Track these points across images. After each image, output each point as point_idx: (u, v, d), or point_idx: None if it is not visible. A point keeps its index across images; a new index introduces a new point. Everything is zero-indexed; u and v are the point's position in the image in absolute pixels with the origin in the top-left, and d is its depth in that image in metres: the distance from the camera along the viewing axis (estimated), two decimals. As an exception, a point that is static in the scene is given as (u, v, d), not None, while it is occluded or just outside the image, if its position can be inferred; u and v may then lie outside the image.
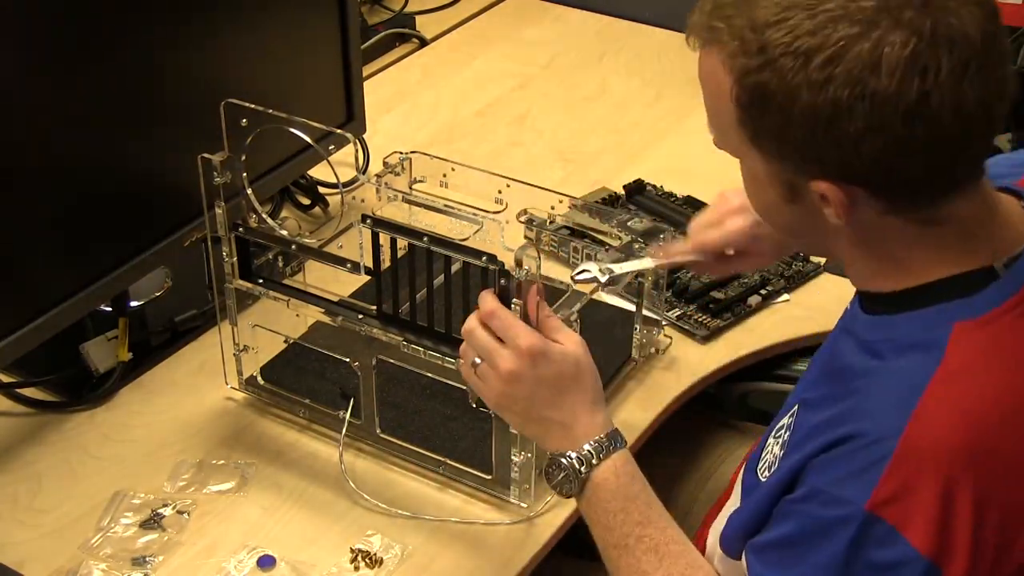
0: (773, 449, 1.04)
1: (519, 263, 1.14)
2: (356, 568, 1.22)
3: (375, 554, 1.23)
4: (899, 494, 0.88)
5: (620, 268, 1.29)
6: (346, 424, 1.35)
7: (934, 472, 0.88)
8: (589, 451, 1.08)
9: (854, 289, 1.04)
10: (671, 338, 1.51)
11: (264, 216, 1.32)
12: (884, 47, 0.85)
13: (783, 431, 1.04)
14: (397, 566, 1.22)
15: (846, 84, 0.86)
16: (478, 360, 1.11)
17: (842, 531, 0.90)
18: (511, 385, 1.09)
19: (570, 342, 1.11)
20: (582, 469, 1.08)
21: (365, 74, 1.83)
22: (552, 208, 1.47)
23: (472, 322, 1.12)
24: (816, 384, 1.02)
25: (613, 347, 1.45)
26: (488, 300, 1.12)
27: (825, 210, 0.93)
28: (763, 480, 1.03)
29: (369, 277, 1.29)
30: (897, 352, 0.94)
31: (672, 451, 1.16)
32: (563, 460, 1.09)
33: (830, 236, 0.97)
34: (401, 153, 1.48)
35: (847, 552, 0.90)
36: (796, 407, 1.03)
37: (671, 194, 1.77)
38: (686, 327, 1.53)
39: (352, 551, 1.23)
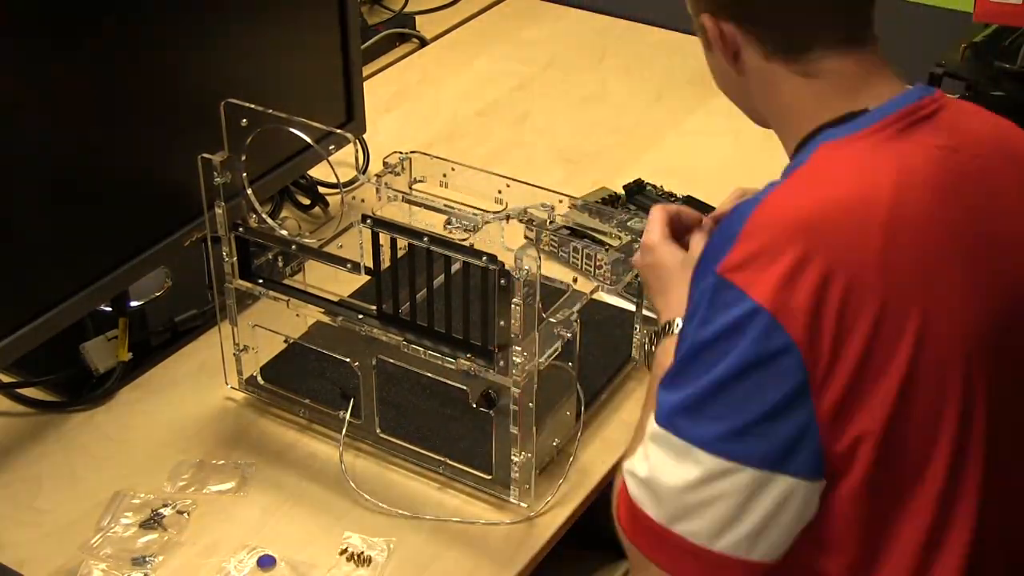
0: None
1: (519, 263, 1.14)
2: (355, 567, 1.22)
3: (362, 553, 1.23)
4: (748, 260, 0.96)
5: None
6: (346, 424, 1.35)
7: (778, 240, 0.95)
8: (661, 329, 1.19)
9: None
10: (671, 338, 1.50)
11: (264, 216, 1.32)
12: None
13: None
14: (387, 561, 1.23)
15: None
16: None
17: (702, 300, 0.98)
18: (641, 255, 1.24)
19: (693, 245, 1.22)
20: (655, 342, 1.20)
21: (365, 74, 1.83)
22: (552, 208, 1.46)
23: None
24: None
25: (613, 347, 1.45)
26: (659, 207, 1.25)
27: (722, 56, 1.07)
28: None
29: (369, 277, 1.29)
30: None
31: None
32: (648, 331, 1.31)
33: (745, 89, 1.09)
34: (401, 153, 1.48)
35: (704, 315, 0.97)
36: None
37: (671, 194, 1.76)
38: (686, 327, 1.53)
39: (340, 552, 1.24)
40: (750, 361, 0.94)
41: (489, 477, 1.29)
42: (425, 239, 1.20)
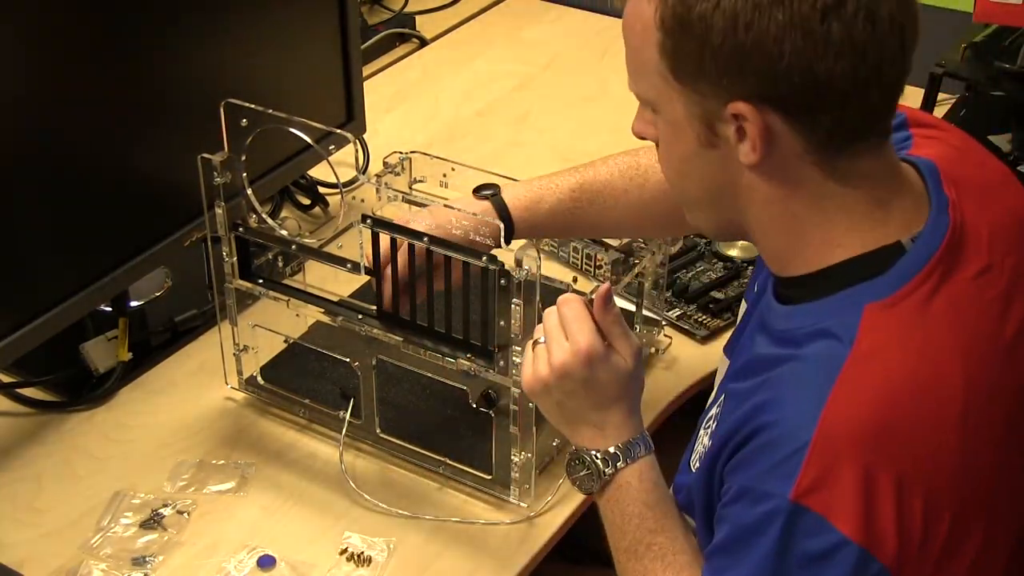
0: (703, 440, 1.05)
1: (519, 263, 1.14)
2: (355, 567, 1.22)
3: (362, 553, 1.23)
4: (821, 482, 0.88)
5: None
6: (346, 424, 1.35)
7: (851, 457, 0.88)
8: (616, 452, 1.09)
9: None
10: (671, 338, 1.51)
11: (264, 216, 1.32)
12: None
13: (712, 421, 1.05)
14: (387, 561, 1.23)
15: None
16: (542, 340, 1.10)
17: (771, 525, 0.90)
18: (557, 378, 1.08)
19: (628, 354, 1.09)
20: (607, 470, 1.09)
21: (365, 74, 1.83)
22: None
23: (555, 306, 1.11)
24: (737, 375, 1.02)
25: (613, 347, 1.45)
26: (568, 298, 1.10)
27: (742, 149, 0.93)
28: (693, 471, 1.04)
29: (369, 277, 1.29)
30: (809, 339, 0.94)
31: (672, 451, 1.16)
32: (588, 457, 1.09)
33: (743, 196, 0.97)
34: (401, 153, 1.48)
35: (778, 545, 0.89)
36: (723, 397, 1.04)
37: (671, 194, 1.76)
38: (686, 327, 1.53)
39: (340, 552, 1.24)
40: None
41: (489, 477, 1.29)
42: (425, 239, 1.20)
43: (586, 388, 1.08)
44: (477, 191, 1.30)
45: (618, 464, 1.09)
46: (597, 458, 1.09)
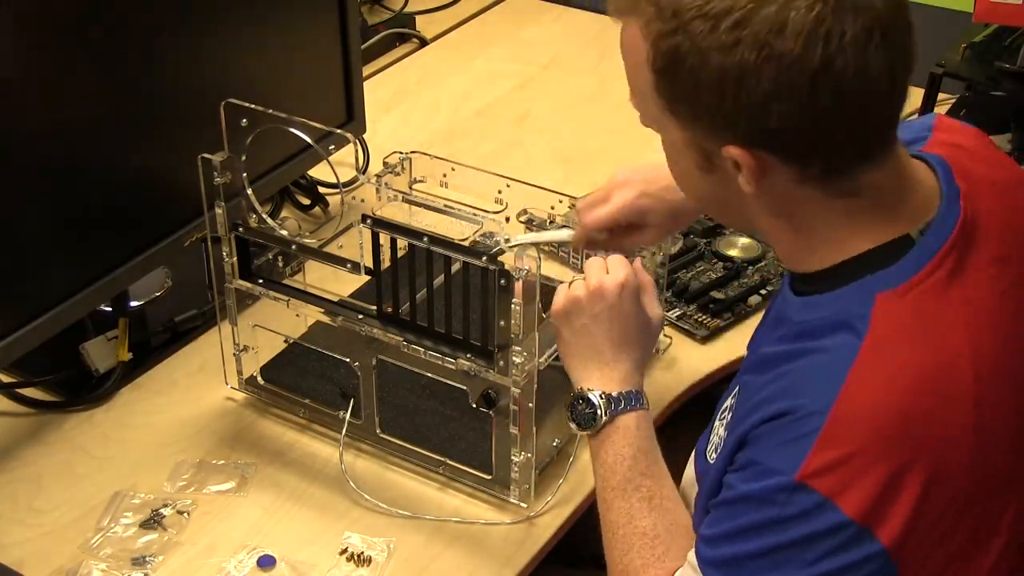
0: (719, 431, 1.07)
1: (519, 263, 1.14)
2: (355, 567, 1.22)
3: (362, 554, 1.23)
4: (834, 466, 0.89)
5: (531, 238, 1.30)
6: (346, 424, 1.35)
7: (874, 449, 0.88)
8: (619, 397, 1.15)
9: None
10: (671, 338, 1.51)
11: (264, 216, 1.32)
12: (791, 11, 0.87)
13: (727, 412, 1.06)
14: (387, 561, 1.23)
15: (753, 46, 0.87)
16: (581, 277, 1.17)
17: (772, 500, 0.91)
18: (590, 300, 1.15)
19: (654, 309, 1.19)
20: (608, 410, 1.14)
21: (365, 74, 1.83)
22: (552, 208, 1.47)
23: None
24: (754, 367, 1.03)
25: (613, 347, 1.45)
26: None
27: (739, 178, 0.94)
28: (712, 462, 1.05)
29: (369, 277, 1.29)
30: (826, 330, 0.95)
31: (672, 451, 1.17)
32: (593, 397, 1.15)
33: (748, 208, 0.98)
34: (401, 153, 1.48)
35: (774, 519, 0.91)
36: (737, 389, 1.05)
37: (671, 194, 1.76)
38: (686, 327, 1.53)
39: (340, 552, 1.24)
40: (837, 568, 0.89)
41: (489, 477, 1.29)
42: (425, 239, 1.20)
43: (611, 316, 1.15)
44: None
45: (619, 408, 1.14)
46: (601, 398, 1.14)
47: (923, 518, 0.89)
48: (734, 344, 1.51)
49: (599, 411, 1.14)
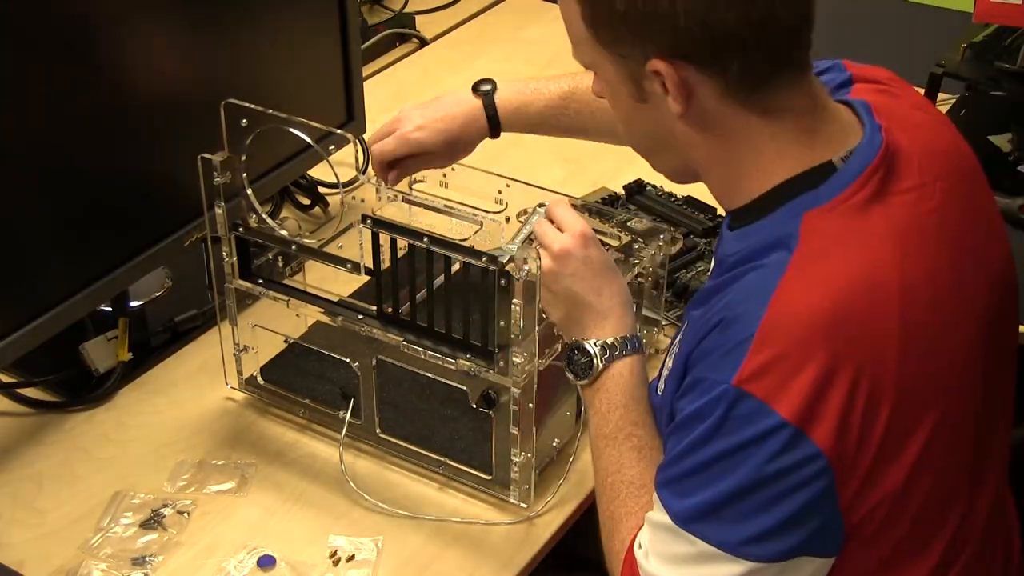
0: (667, 363, 1.10)
1: (519, 263, 1.14)
2: (356, 567, 1.22)
3: (351, 555, 1.23)
4: (766, 368, 0.92)
5: (522, 234, 1.27)
6: (346, 424, 1.35)
7: (807, 348, 0.92)
8: (614, 343, 1.16)
9: None
10: (670, 338, 1.50)
11: (264, 216, 1.32)
12: None
13: (675, 346, 1.09)
14: (387, 561, 1.23)
15: None
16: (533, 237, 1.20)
17: (712, 411, 0.94)
18: (560, 262, 1.17)
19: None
20: (603, 359, 1.16)
21: (365, 74, 1.83)
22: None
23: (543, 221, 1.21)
24: (698, 302, 1.07)
25: (613, 347, 1.45)
26: (557, 199, 1.23)
27: (669, 101, 0.99)
28: (660, 394, 1.10)
29: (369, 277, 1.29)
30: (760, 253, 0.99)
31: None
32: (589, 346, 1.16)
33: (683, 140, 1.03)
34: (401, 153, 1.48)
35: (714, 429, 0.94)
36: (685, 324, 1.09)
37: (671, 194, 1.76)
38: (686, 327, 1.53)
39: (339, 552, 1.24)
40: (776, 470, 0.92)
41: (489, 477, 1.29)
42: (425, 239, 1.20)
43: (584, 268, 1.17)
44: (476, 86, 1.46)
45: (615, 354, 1.16)
46: (596, 346, 1.16)
47: (852, 416, 0.92)
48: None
49: (595, 359, 1.16)
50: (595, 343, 1.16)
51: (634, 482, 1.11)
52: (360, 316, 1.29)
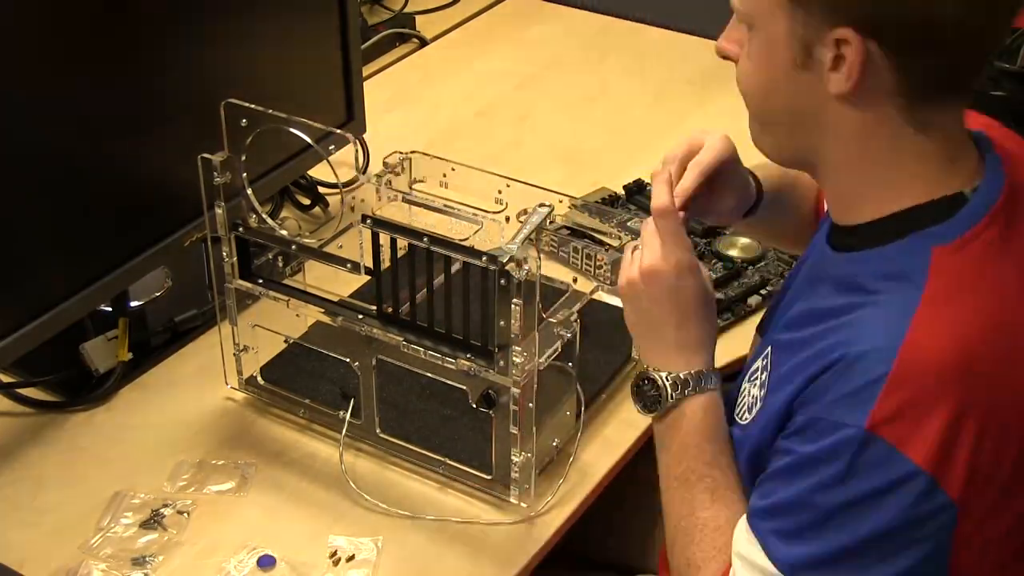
0: (751, 391, 1.05)
1: (519, 263, 1.14)
2: (356, 567, 1.22)
3: (350, 555, 1.23)
4: (900, 412, 0.89)
5: (523, 233, 1.21)
6: (346, 424, 1.35)
7: (940, 394, 0.88)
8: (687, 379, 1.10)
9: None
10: (671, 338, 1.50)
11: (264, 216, 1.32)
12: None
13: (759, 372, 1.05)
14: (387, 561, 1.23)
15: None
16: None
17: (839, 455, 0.90)
18: (645, 282, 1.10)
19: (711, 285, 1.13)
20: (674, 394, 1.10)
21: (365, 74, 1.83)
22: (552, 208, 1.46)
23: (652, 216, 1.13)
24: (791, 326, 1.02)
25: (613, 347, 1.45)
26: (663, 196, 1.13)
27: (833, 76, 0.93)
28: (744, 422, 1.05)
29: (369, 277, 1.29)
30: (879, 283, 0.95)
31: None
32: (659, 378, 1.11)
33: (821, 126, 0.97)
34: (401, 153, 1.48)
35: (843, 474, 0.90)
36: (769, 349, 1.04)
37: (671, 194, 1.76)
38: (686, 327, 1.52)
39: (340, 551, 1.24)
40: (906, 521, 0.90)
41: (489, 477, 1.29)
42: (425, 239, 1.20)
43: (671, 297, 1.10)
44: None
45: (687, 391, 1.10)
46: (668, 380, 1.10)
47: (980, 462, 0.89)
48: (734, 344, 1.51)
49: (665, 393, 1.10)
50: (667, 376, 1.11)
51: (708, 524, 1.06)
52: (360, 316, 1.29)
